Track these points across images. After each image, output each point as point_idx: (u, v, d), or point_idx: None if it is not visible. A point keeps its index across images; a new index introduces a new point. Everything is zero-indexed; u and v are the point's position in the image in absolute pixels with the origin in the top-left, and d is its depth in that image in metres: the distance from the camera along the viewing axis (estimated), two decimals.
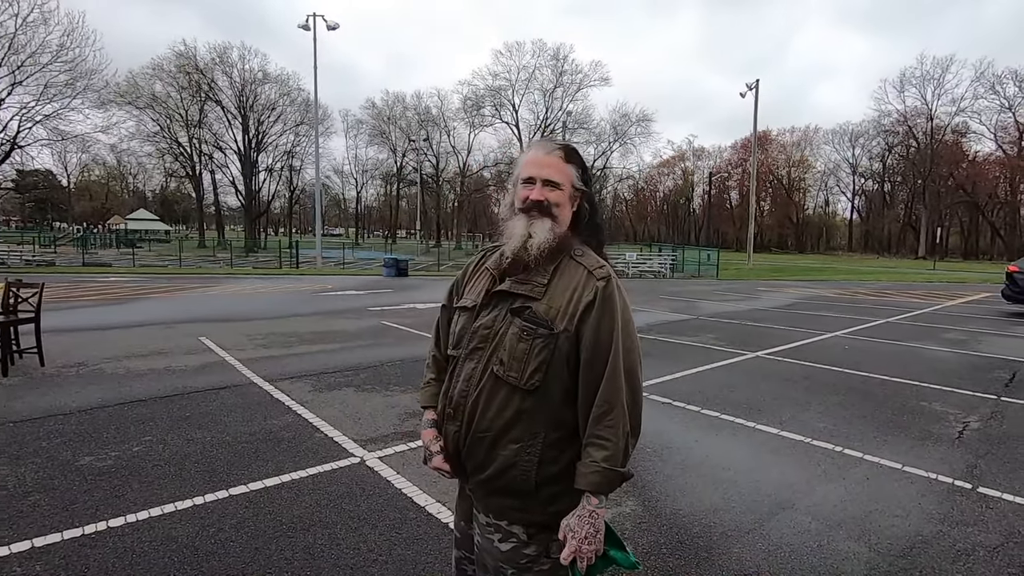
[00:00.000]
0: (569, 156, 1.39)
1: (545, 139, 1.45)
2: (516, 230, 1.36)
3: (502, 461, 1.29)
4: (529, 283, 1.32)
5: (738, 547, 2.63)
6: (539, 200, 1.34)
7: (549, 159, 1.37)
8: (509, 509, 1.32)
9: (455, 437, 1.38)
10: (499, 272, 1.39)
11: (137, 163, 62.03)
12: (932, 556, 2.58)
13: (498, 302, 1.35)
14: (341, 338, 7.71)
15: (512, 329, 1.29)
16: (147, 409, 4.40)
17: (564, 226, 1.38)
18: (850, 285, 21.10)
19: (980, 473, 3.53)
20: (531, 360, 1.26)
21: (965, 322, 10.95)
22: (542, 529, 1.32)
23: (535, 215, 1.34)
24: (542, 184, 1.35)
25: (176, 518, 2.74)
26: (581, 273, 1.32)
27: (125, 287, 14.56)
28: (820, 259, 54.25)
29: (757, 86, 36.22)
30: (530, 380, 1.27)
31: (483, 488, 1.35)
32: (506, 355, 1.28)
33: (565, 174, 1.37)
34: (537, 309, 1.28)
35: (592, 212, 1.44)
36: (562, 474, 1.30)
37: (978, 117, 59.97)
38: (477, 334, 1.35)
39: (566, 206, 1.38)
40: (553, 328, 1.27)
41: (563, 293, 1.30)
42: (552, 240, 1.33)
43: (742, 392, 5.31)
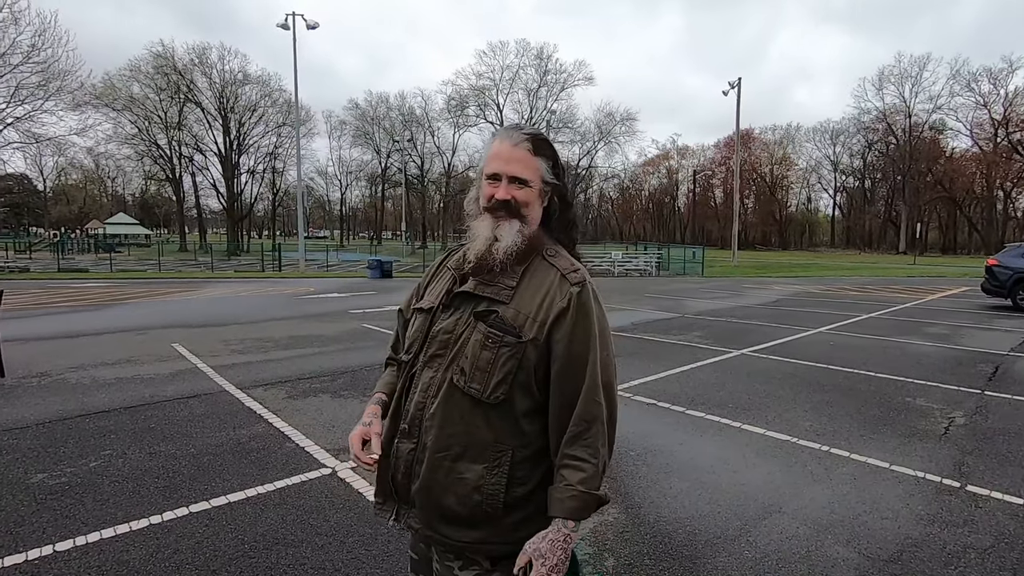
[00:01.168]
0: (538, 148, 1.24)
1: (512, 128, 1.27)
2: (481, 231, 1.22)
3: (465, 485, 1.15)
4: (496, 285, 1.19)
5: (724, 556, 2.52)
6: (505, 200, 1.20)
7: (515, 152, 1.21)
8: (473, 542, 1.17)
9: (408, 457, 1.20)
10: (461, 273, 1.25)
11: (116, 166, 61.03)
12: (923, 560, 2.49)
13: (460, 304, 1.21)
14: (319, 342, 7.52)
15: (475, 335, 1.16)
16: (109, 421, 4.19)
17: (534, 225, 1.25)
18: (834, 281, 21.28)
19: (968, 470, 3.47)
20: (496, 371, 1.13)
21: (947, 316, 11.02)
22: (507, 557, 1.17)
23: (501, 216, 1.21)
24: (508, 181, 1.21)
25: (130, 539, 2.56)
26: (553, 276, 1.20)
27: (100, 292, 14.18)
28: (804, 256, 54.84)
29: (739, 84, 36.46)
30: (494, 393, 1.14)
31: (439, 519, 1.18)
32: (468, 364, 1.15)
33: (533, 169, 1.22)
34: (504, 314, 1.16)
35: (564, 208, 1.30)
36: (530, 496, 1.17)
37: (955, 114, 61.07)
38: (436, 339, 1.20)
39: (535, 204, 1.24)
40: (521, 336, 1.14)
41: (533, 298, 1.17)
42: (520, 243, 1.20)
43: (728, 391, 5.23)
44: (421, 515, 1.20)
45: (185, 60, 45.46)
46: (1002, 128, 58.05)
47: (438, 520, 1.18)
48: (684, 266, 27.37)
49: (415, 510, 1.20)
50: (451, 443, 1.15)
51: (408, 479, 1.21)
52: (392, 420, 1.27)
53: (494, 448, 1.15)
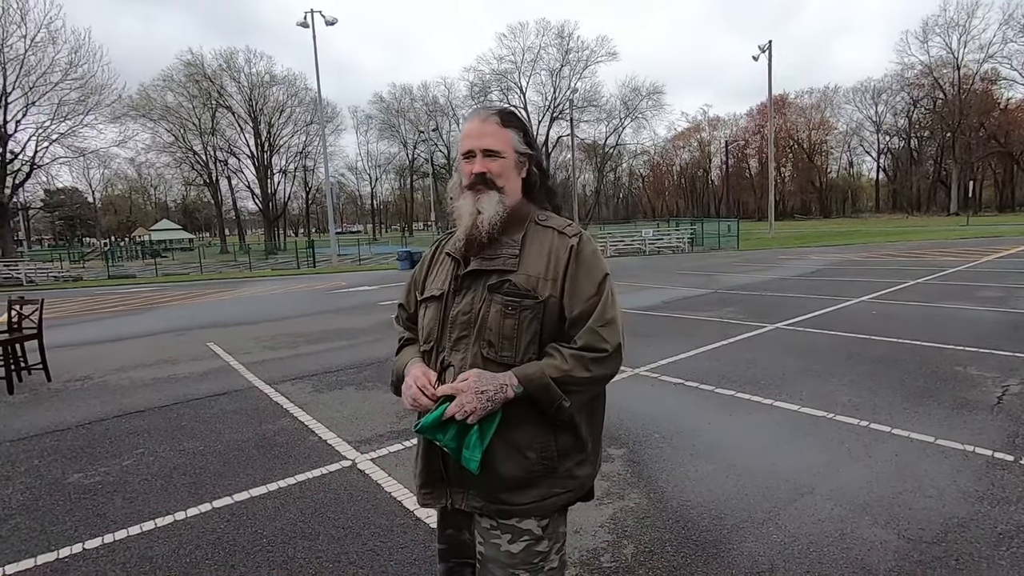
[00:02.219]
0: (506, 120, 1.29)
1: (480, 107, 1.39)
2: (464, 209, 1.27)
3: (518, 448, 1.19)
4: (500, 257, 1.24)
5: (751, 540, 2.40)
6: (481, 173, 1.25)
7: (485, 127, 1.27)
8: (534, 501, 1.21)
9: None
10: (462, 255, 1.28)
11: (156, 174, 63.25)
12: (970, 541, 2.31)
13: (471, 284, 1.25)
14: (348, 336, 7.61)
15: (494, 307, 1.20)
16: (144, 421, 4.33)
17: (514, 196, 1.29)
18: (878, 247, 20.32)
19: (1023, 442, 3.22)
20: (523, 334, 1.18)
21: (1002, 278, 10.35)
22: (557, 515, 1.26)
23: (480, 189, 1.26)
24: (482, 155, 1.26)
25: (155, 536, 2.62)
26: (551, 235, 1.26)
27: (145, 297, 14.77)
28: (846, 223, 52.56)
29: (770, 48, 34.97)
30: (526, 355, 1.19)
31: (500, 488, 1.21)
32: (494, 336, 1.19)
33: (504, 140, 1.27)
34: (516, 280, 1.20)
35: (543, 176, 1.36)
36: (575, 440, 1.24)
37: (1008, 62, 56.86)
38: (457, 323, 1.24)
39: (511, 174, 1.28)
40: (538, 296, 1.19)
41: (538, 259, 1.22)
42: (502, 212, 1.24)
43: (760, 367, 5.03)
44: (481, 492, 1.23)
45: (214, 66, 46.76)
46: None
47: (501, 491, 1.21)
48: (719, 240, 26.62)
49: (473, 490, 1.23)
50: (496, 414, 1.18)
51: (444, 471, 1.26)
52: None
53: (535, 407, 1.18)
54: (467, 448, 1.14)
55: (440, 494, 1.29)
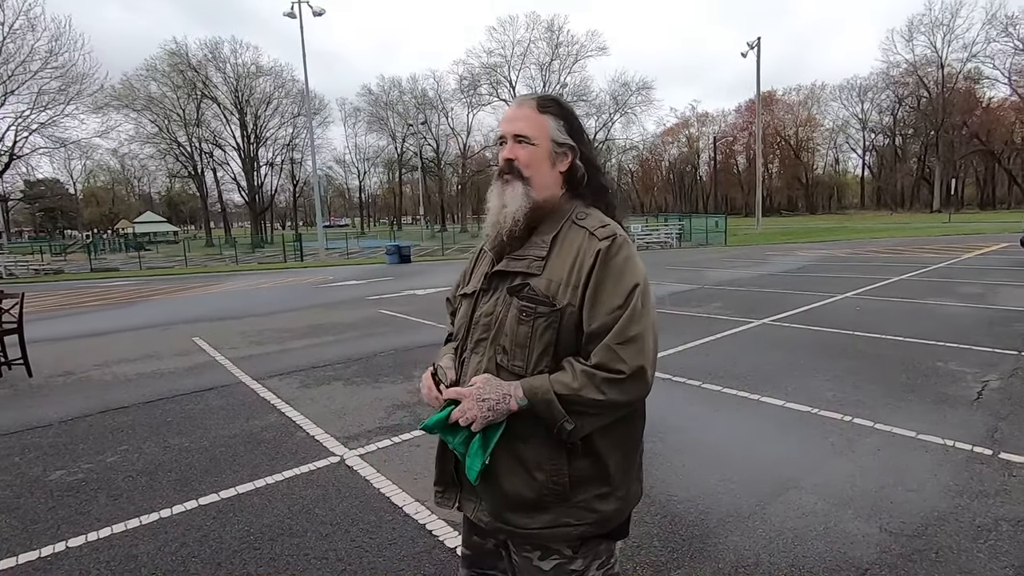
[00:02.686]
0: (543, 106, 1.17)
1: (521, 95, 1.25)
2: (491, 200, 1.19)
3: (525, 464, 1.11)
4: (526, 258, 1.15)
5: (736, 535, 2.43)
6: (509, 159, 1.16)
7: (519, 111, 1.17)
8: (547, 527, 1.12)
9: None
10: (497, 252, 1.22)
11: (140, 166, 62.20)
12: (950, 534, 2.36)
13: (497, 284, 1.18)
14: (336, 330, 7.56)
15: (511, 311, 1.13)
16: (128, 416, 4.28)
17: (544, 190, 1.17)
18: (863, 244, 20.59)
19: (1002, 437, 3.29)
20: (535, 344, 1.09)
21: (982, 275, 10.54)
22: (589, 540, 1.15)
23: (507, 179, 1.16)
24: (513, 141, 1.16)
25: (140, 534, 2.59)
26: (582, 237, 1.13)
27: (129, 291, 14.56)
28: (832, 219, 53.15)
29: (759, 45, 35.16)
30: (537, 367, 1.10)
31: (506, 506, 1.14)
32: (508, 342, 1.12)
33: (538, 126, 1.15)
34: (536, 285, 1.11)
35: (593, 171, 1.21)
36: (596, 466, 1.12)
37: (991, 61, 57.59)
38: (479, 323, 1.19)
39: (543, 164, 1.16)
40: (555, 304, 1.09)
41: (564, 263, 1.12)
42: (526, 206, 1.14)
43: (746, 363, 5.08)
44: (488, 506, 1.16)
45: (199, 56, 45.99)
46: None
47: (505, 509, 1.14)
48: (707, 236, 26.80)
49: (483, 503, 1.18)
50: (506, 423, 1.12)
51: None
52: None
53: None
54: (469, 456, 1.10)
55: (452, 496, 1.25)
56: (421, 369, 5.32)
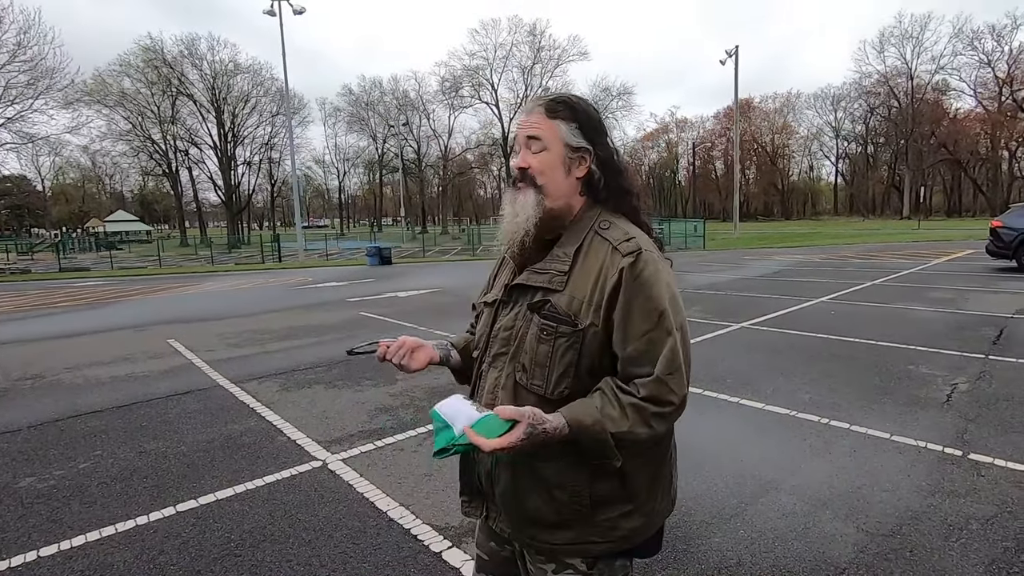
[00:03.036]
0: (553, 110, 1.10)
1: (535, 96, 1.20)
2: (505, 209, 1.15)
3: (547, 484, 1.08)
4: (548, 272, 1.09)
5: (719, 536, 2.47)
6: (522, 167, 1.11)
7: (530, 116, 1.12)
8: (567, 543, 1.09)
9: (490, 461, 1.15)
10: (520, 262, 1.16)
11: (112, 163, 60.62)
12: (923, 533, 2.43)
13: (518, 297, 1.13)
14: (316, 332, 7.47)
15: (532, 329, 1.08)
16: (101, 421, 4.16)
17: (559, 197, 1.11)
18: (836, 249, 21.06)
19: (971, 438, 3.40)
20: (555, 365, 1.05)
21: (950, 280, 10.88)
22: (606, 557, 1.11)
23: (520, 187, 1.12)
24: (525, 148, 1.12)
25: (115, 542, 2.53)
26: (606, 251, 1.07)
27: (100, 291, 14.18)
28: (806, 224, 54.29)
29: (737, 53, 35.76)
30: (557, 388, 1.05)
31: (528, 522, 1.12)
32: (528, 360, 1.08)
33: (550, 131, 1.10)
34: (558, 302, 1.06)
35: (612, 174, 1.14)
36: (622, 487, 1.07)
37: (958, 74, 59.74)
38: (498, 337, 1.15)
39: (555, 171, 1.10)
40: (577, 323, 1.04)
41: (587, 279, 1.06)
42: (538, 216, 1.09)
43: (726, 366, 5.16)
44: (508, 520, 1.15)
45: (174, 52, 45.02)
46: (1006, 86, 56.78)
47: (527, 524, 1.12)
48: (686, 240, 27.14)
49: (503, 515, 1.16)
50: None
51: (491, 483, 1.16)
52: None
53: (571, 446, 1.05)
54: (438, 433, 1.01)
55: (479, 506, 1.23)
56: (404, 373, 5.29)
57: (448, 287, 12.54)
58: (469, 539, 2.47)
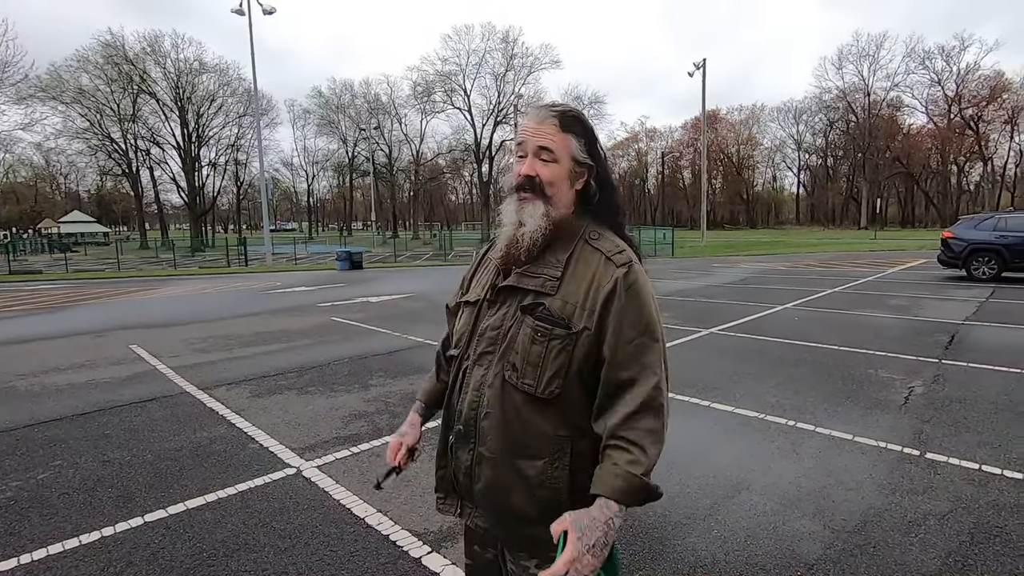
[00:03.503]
0: (566, 124, 1.15)
1: (543, 104, 1.22)
2: (506, 217, 1.18)
3: (529, 482, 1.12)
4: (540, 276, 1.14)
5: (694, 535, 2.53)
6: (529, 175, 1.13)
7: (541, 127, 1.14)
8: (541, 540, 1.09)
9: (468, 458, 1.17)
10: (504, 264, 1.19)
11: (68, 162, 58.32)
12: (885, 529, 2.54)
13: (506, 298, 1.17)
14: (286, 338, 7.33)
15: (524, 329, 1.12)
16: (60, 429, 4.00)
17: (563, 208, 1.16)
18: (799, 257, 21.76)
19: (927, 438, 3.56)
20: (548, 365, 1.09)
21: (906, 288, 11.37)
22: None
23: (526, 196, 1.14)
24: (534, 157, 1.14)
25: (80, 555, 2.44)
26: (598, 260, 1.13)
27: (55, 294, 13.59)
28: (770, 233, 55.94)
29: (704, 65, 36.70)
30: (548, 387, 1.10)
31: (508, 518, 1.15)
32: (519, 359, 1.11)
33: (562, 144, 1.14)
34: (551, 306, 1.10)
35: (606, 191, 1.20)
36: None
37: (911, 91, 62.81)
38: (484, 336, 1.17)
39: (563, 184, 1.15)
40: (571, 327, 1.09)
41: (579, 286, 1.11)
42: (545, 227, 1.13)
43: (697, 371, 5.28)
44: (488, 515, 1.18)
45: (136, 49, 43.56)
46: (955, 104, 59.83)
47: (507, 519, 1.15)
48: (655, 247, 27.60)
49: (480, 510, 1.19)
50: (509, 441, 1.12)
51: (470, 480, 1.18)
52: (445, 419, 1.27)
53: (553, 441, 1.11)
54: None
55: (453, 503, 1.25)
56: (378, 377, 5.26)
57: (420, 292, 12.46)
58: (449, 543, 2.47)
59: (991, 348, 5.93)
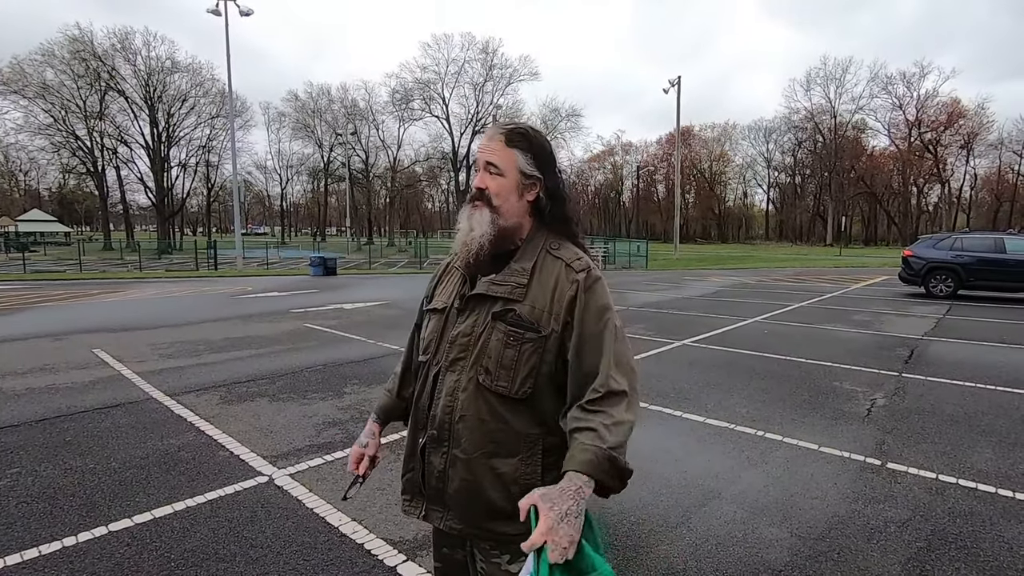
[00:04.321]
0: (511, 139, 1.24)
1: (496, 124, 1.32)
2: (461, 223, 1.26)
3: (503, 480, 1.17)
4: (508, 284, 1.21)
5: (666, 543, 2.57)
6: (479, 187, 1.23)
7: (490, 143, 1.24)
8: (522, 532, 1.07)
9: (441, 462, 1.20)
10: (469, 272, 1.26)
11: (28, 158, 56.29)
12: (848, 536, 2.63)
13: (475, 306, 1.23)
14: (257, 344, 7.20)
15: (496, 335, 1.18)
16: (18, 436, 3.85)
17: (512, 217, 1.24)
18: (768, 272, 22.32)
19: (888, 449, 3.70)
20: (521, 367, 1.16)
21: (869, 304, 11.77)
22: None
23: (477, 205, 1.23)
24: (484, 170, 1.24)
25: (39, 565, 2.35)
26: (559, 268, 1.22)
27: (11, 296, 13.06)
28: (741, 248, 57.31)
29: (679, 83, 37.55)
30: (522, 388, 1.16)
31: (482, 516, 1.19)
32: (492, 363, 1.17)
33: (507, 159, 1.23)
34: (521, 311, 1.18)
35: (557, 202, 1.27)
36: None
37: (874, 114, 65.47)
38: (456, 343, 1.22)
39: (510, 195, 1.23)
40: (541, 330, 1.17)
41: (545, 292, 1.20)
42: (491, 233, 1.21)
43: (669, 381, 5.37)
44: (462, 515, 1.21)
45: (106, 45, 42.52)
46: (915, 128, 62.53)
47: (481, 518, 1.19)
48: (629, 259, 28.01)
49: (452, 512, 1.21)
50: (484, 442, 1.17)
51: (443, 482, 1.21)
52: (414, 424, 1.30)
53: (525, 439, 1.18)
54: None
55: (418, 505, 1.27)
56: (352, 385, 5.21)
57: (395, 300, 12.38)
58: (424, 552, 2.47)
59: (948, 362, 6.19)
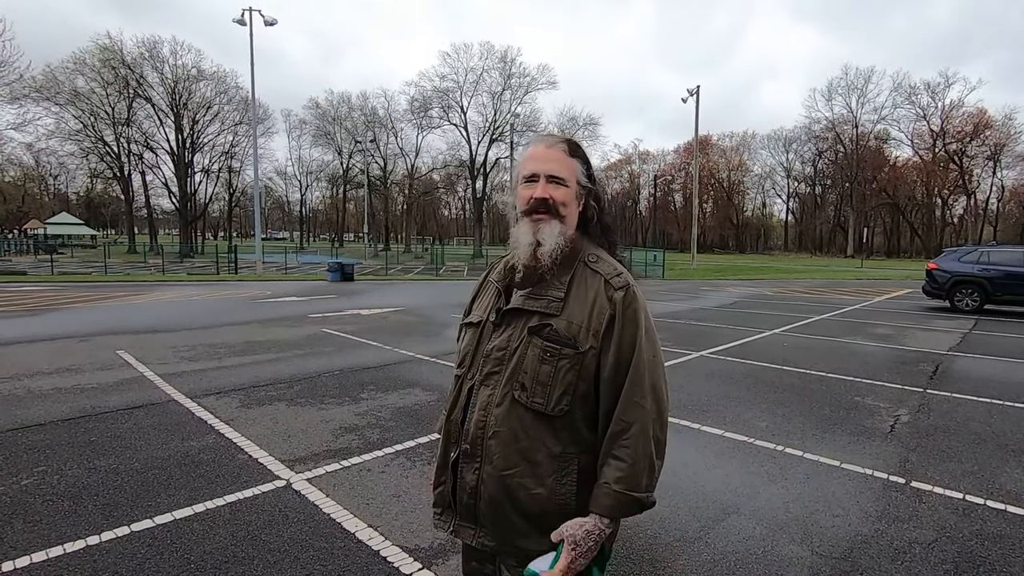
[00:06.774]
0: (573, 150, 1.26)
1: (546, 134, 1.33)
2: (522, 238, 1.21)
3: (537, 499, 1.15)
4: (544, 298, 1.19)
5: (684, 558, 2.54)
6: (544, 198, 1.20)
7: (552, 152, 1.23)
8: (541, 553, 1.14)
9: (474, 478, 1.19)
10: (504, 285, 1.27)
11: (58, 163, 57.86)
12: (872, 556, 2.57)
13: (511, 320, 1.22)
14: (276, 348, 7.28)
15: (532, 350, 1.16)
16: (45, 435, 3.94)
17: (572, 228, 1.25)
18: (787, 283, 22.02)
19: (912, 467, 3.61)
20: (557, 383, 1.15)
21: (891, 317, 11.54)
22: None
23: (542, 217, 1.20)
24: (546, 180, 1.21)
25: (64, 564, 2.40)
26: (599, 283, 1.20)
27: (39, 297, 13.39)
28: (758, 258, 56.63)
29: (698, 92, 37.38)
30: (558, 405, 1.15)
31: (515, 534, 1.18)
32: (528, 379, 1.16)
33: (570, 169, 1.23)
34: (558, 326, 1.16)
35: (600, 211, 1.31)
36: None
37: (897, 124, 64.50)
38: (491, 357, 1.21)
39: (572, 205, 1.24)
40: (578, 347, 1.15)
41: (583, 307, 1.17)
42: (564, 245, 1.20)
43: (687, 393, 5.32)
44: (494, 532, 1.19)
45: (135, 54, 43.61)
46: (939, 139, 61.42)
47: (514, 535, 1.18)
48: (646, 268, 27.80)
49: (485, 529, 1.20)
50: (518, 459, 1.15)
51: (475, 499, 1.20)
52: (446, 437, 1.28)
53: (561, 458, 1.16)
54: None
55: (448, 520, 1.26)
56: (369, 391, 5.24)
57: (411, 306, 12.45)
58: (440, 560, 2.47)
59: (974, 379, 6.04)
